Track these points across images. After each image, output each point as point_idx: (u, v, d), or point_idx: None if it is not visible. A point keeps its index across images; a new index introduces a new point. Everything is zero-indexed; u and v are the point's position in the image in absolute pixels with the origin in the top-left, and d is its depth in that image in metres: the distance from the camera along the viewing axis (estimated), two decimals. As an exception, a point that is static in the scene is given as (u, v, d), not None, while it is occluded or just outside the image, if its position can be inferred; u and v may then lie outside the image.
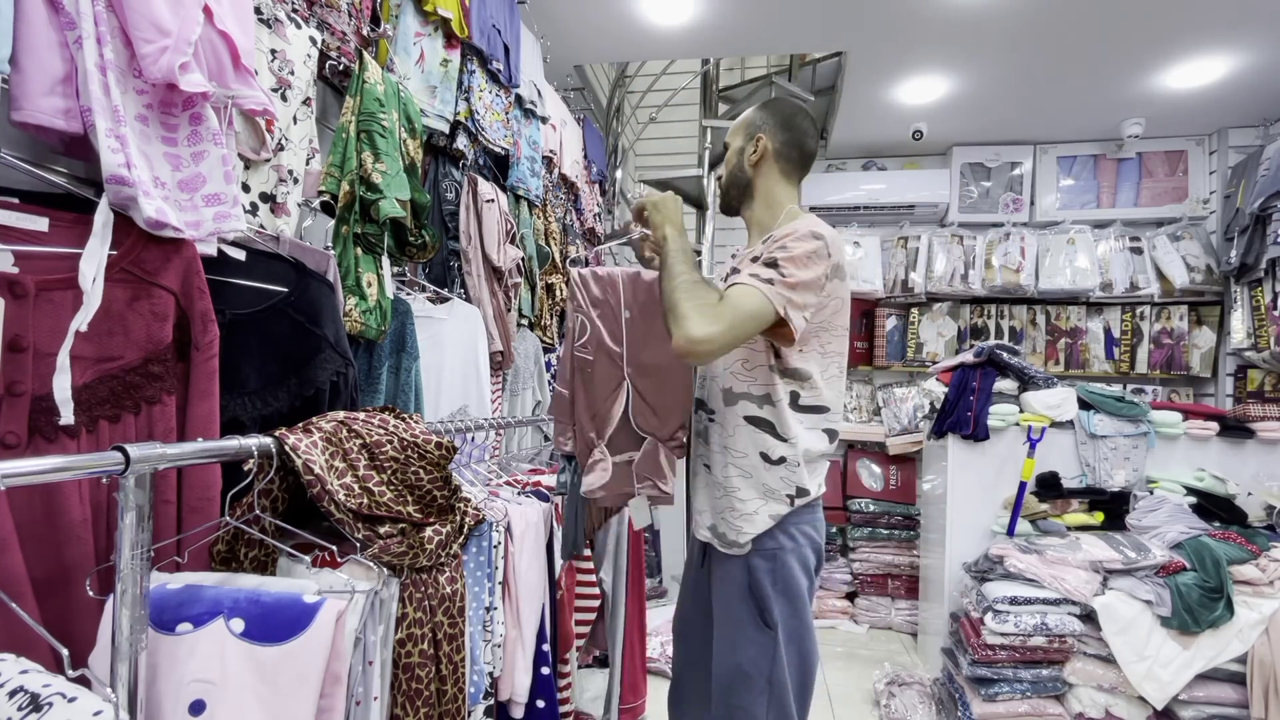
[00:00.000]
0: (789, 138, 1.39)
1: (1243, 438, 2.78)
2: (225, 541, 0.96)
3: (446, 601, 1.03)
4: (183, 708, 0.72)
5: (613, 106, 3.78)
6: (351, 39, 1.50)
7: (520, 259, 2.20)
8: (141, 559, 0.70)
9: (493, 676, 1.27)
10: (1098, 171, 3.95)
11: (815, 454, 1.33)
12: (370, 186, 1.42)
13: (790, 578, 1.31)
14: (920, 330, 4.05)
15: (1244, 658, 2.22)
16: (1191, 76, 3.14)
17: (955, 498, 2.87)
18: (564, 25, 2.82)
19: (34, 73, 0.84)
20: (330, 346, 1.21)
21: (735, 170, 1.43)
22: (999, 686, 2.39)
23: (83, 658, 0.75)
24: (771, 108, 1.42)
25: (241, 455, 0.85)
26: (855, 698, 2.89)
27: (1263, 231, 3.14)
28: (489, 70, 2.10)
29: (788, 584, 1.31)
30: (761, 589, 1.30)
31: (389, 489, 0.98)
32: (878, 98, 3.52)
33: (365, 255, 1.45)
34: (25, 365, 0.83)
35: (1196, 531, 2.46)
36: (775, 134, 1.39)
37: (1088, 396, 2.83)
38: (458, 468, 1.44)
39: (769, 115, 1.40)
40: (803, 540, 1.32)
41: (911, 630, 3.69)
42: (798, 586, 1.31)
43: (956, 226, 4.05)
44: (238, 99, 1.05)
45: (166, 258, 0.95)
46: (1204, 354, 3.71)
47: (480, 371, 1.93)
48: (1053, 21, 2.75)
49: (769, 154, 1.39)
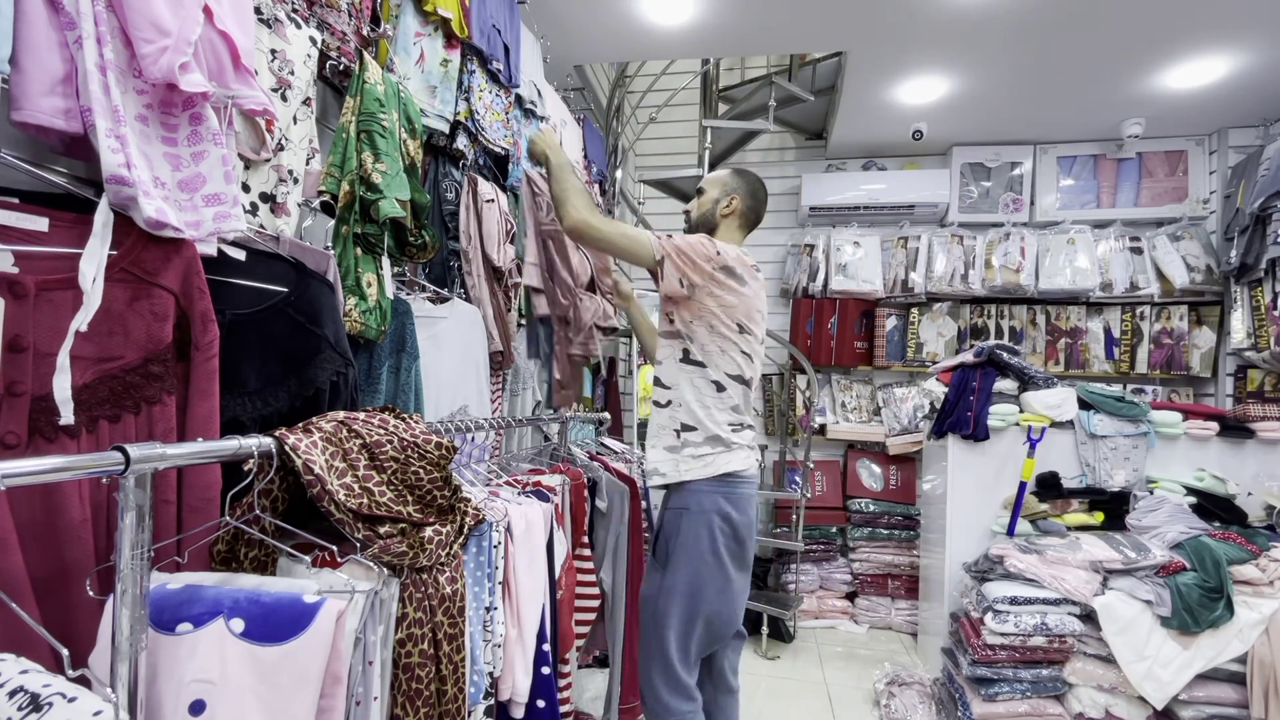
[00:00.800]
0: (752, 205, 1.85)
1: (1243, 438, 2.78)
2: (225, 541, 0.96)
3: (446, 601, 1.03)
4: (183, 708, 0.72)
5: (613, 106, 3.78)
6: (351, 39, 1.50)
7: (516, 259, 2.20)
8: (141, 559, 0.70)
9: (493, 676, 1.27)
10: (1098, 171, 3.95)
11: (707, 404, 1.67)
12: (370, 186, 1.41)
13: (696, 536, 1.62)
14: (920, 330, 4.05)
15: (1244, 658, 2.22)
16: (1191, 76, 3.14)
17: (955, 498, 2.87)
18: (564, 25, 2.82)
19: (34, 73, 0.84)
20: (330, 346, 1.21)
21: (708, 214, 1.86)
22: (999, 686, 2.39)
23: (83, 658, 0.75)
24: (746, 177, 1.87)
25: (241, 455, 0.85)
26: (855, 698, 2.89)
27: (1263, 231, 3.14)
28: (489, 70, 2.10)
29: (693, 541, 1.62)
30: (666, 537, 1.67)
31: (389, 489, 0.98)
32: (878, 98, 3.52)
33: (365, 255, 1.45)
34: (25, 365, 0.83)
35: (1196, 531, 2.46)
36: (744, 199, 1.84)
37: (1088, 396, 2.83)
38: (457, 468, 1.45)
39: (743, 183, 1.85)
40: (711, 507, 1.63)
41: (911, 630, 3.69)
42: (700, 545, 1.62)
43: (956, 226, 4.05)
44: (238, 99, 1.05)
45: (166, 258, 0.95)
46: (1204, 354, 3.71)
47: (480, 371, 1.93)
48: (1053, 21, 2.75)
49: (737, 211, 1.84)
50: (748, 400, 1.76)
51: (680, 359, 1.69)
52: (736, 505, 1.65)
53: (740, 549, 1.68)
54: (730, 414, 1.69)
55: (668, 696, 1.64)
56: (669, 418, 1.70)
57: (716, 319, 1.66)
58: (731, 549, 1.66)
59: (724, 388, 1.68)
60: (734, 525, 1.65)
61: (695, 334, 1.68)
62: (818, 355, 4.11)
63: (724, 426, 1.67)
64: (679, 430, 1.68)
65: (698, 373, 1.68)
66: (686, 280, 1.63)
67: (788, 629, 3.53)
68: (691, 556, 1.63)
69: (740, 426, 1.71)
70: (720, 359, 1.68)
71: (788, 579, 3.83)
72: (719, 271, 1.65)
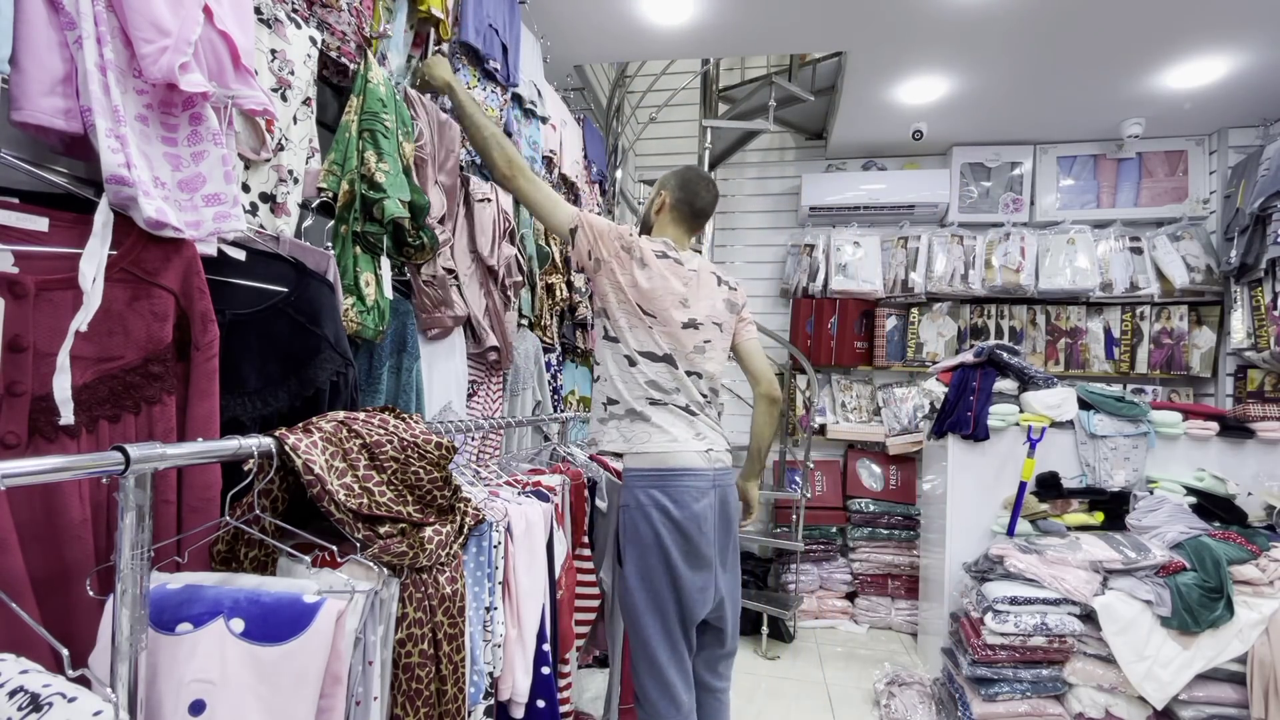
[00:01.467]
0: (682, 196, 1.85)
1: (1243, 438, 2.78)
2: (225, 541, 0.96)
3: (446, 601, 1.03)
4: (183, 708, 0.72)
5: (613, 106, 3.78)
6: (351, 39, 1.50)
7: (519, 258, 2.20)
8: (141, 559, 0.70)
9: (493, 676, 1.27)
10: (1098, 171, 3.95)
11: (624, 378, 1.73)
12: (373, 185, 1.42)
13: (637, 531, 1.67)
14: (920, 330, 4.05)
15: (1244, 658, 2.22)
16: (1191, 76, 3.14)
17: (955, 498, 2.87)
18: (564, 25, 2.82)
19: (34, 73, 0.84)
20: (330, 346, 1.21)
21: (644, 216, 1.94)
22: (999, 686, 2.39)
23: (83, 658, 0.75)
24: (678, 171, 1.89)
25: (241, 455, 0.85)
26: (855, 698, 2.89)
27: (1263, 231, 3.14)
28: (484, 69, 2.10)
29: (635, 535, 1.68)
30: (619, 534, 1.73)
31: (389, 489, 0.98)
32: (878, 98, 3.52)
33: (364, 255, 1.45)
34: (25, 365, 0.83)
35: (1196, 531, 2.46)
36: (673, 192, 1.86)
37: (1088, 396, 2.83)
38: (456, 468, 1.44)
39: (672, 177, 1.88)
40: (647, 501, 1.67)
41: (911, 630, 3.69)
42: (642, 539, 1.66)
43: (956, 226, 4.05)
44: (238, 99, 1.05)
45: (166, 258, 0.95)
46: (1204, 354, 3.71)
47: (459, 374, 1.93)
48: (1053, 21, 2.75)
49: (667, 205, 1.86)
50: (676, 379, 1.74)
51: (603, 335, 1.78)
52: (676, 500, 1.66)
53: (688, 544, 1.66)
54: (646, 389, 1.72)
55: (656, 698, 1.66)
56: (599, 391, 1.79)
57: (621, 296, 1.73)
58: (678, 543, 1.66)
59: (635, 362, 1.72)
60: (674, 520, 1.65)
61: (608, 310, 1.75)
62: (818, 355, 4.11)
63: (640, 400, 1.71)
64: (605, 403, 1.76)
65: (614, 348, 1.75)
66: (594, 253, 1.72)
67: (788, 629, 3.53)
68: (639, 550, 1.67)
69: (660, 404, 1.72)
70: (629, 335, 1.73)
71: (788, 579, 3.83)
72: (622, 251, 1.72)
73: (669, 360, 1.74)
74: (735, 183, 4.53)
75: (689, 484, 1.68)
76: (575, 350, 3.17)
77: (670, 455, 1.68)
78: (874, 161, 4.30)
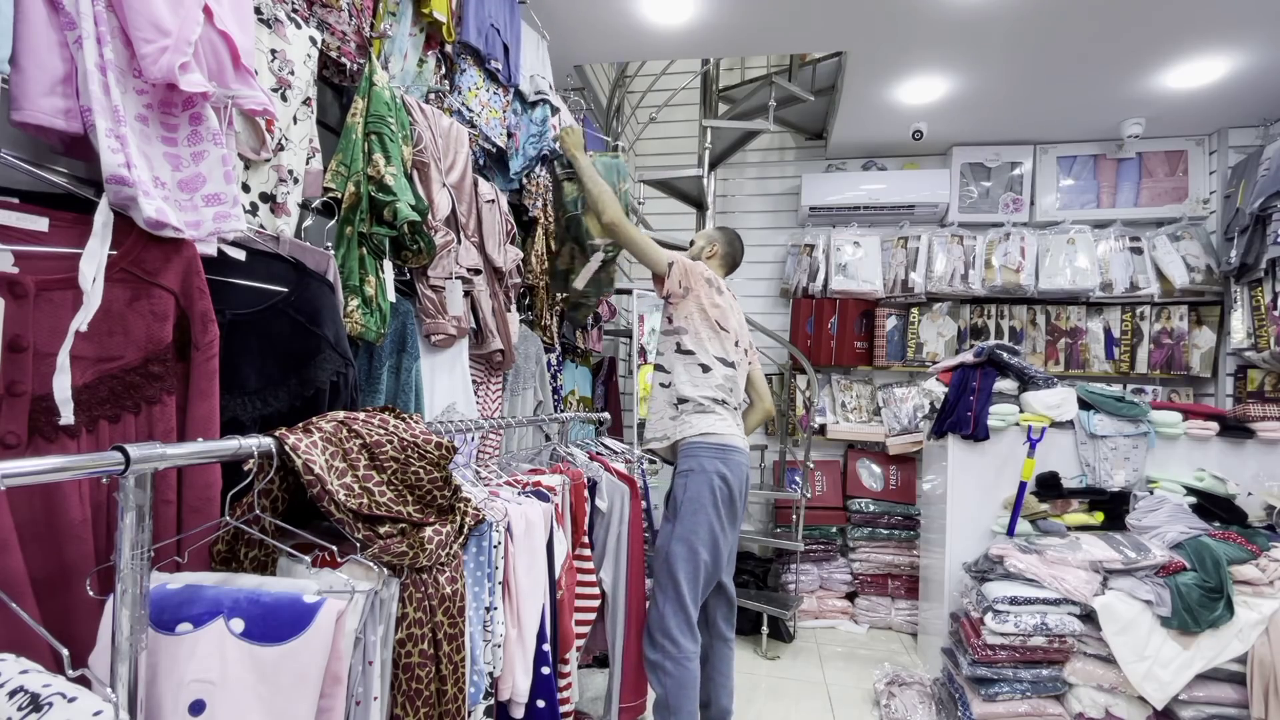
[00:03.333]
0: (729, 251, 2.42)
1: (1243, 438, 2.78)
2: (225, 541, 0.96)
3: (446, 601, 1.03)
4: (183, 708, 0.72)
5: (613, 106, 3.78)
6: (351, 39, 1.50)
7: (519, 259, 2.20)
8: (141, 559, 0.70)
9: (493, 676, 1.27)
10: (1098, 171, 3.95)
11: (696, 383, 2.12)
12: (383, 188, 1.42)
13: (694, 489, 2.03)
14: (920, 330, 4.05)
15: (1244, 658, 2.22)
16: (1191, 76, 3.14)
17: (955, 498, 2.87)
18: (564, 25, 2.82)
19: (34, 73, 0.84)
20: (330, 346, 1.21)
21: (696, 255, 2.39)
22: (999, 686, 2.39)
23: (83, 658, 0.75)
24: (726, 232, 2.44)
25: (241, 455, 0.85)
26: (855, 698, 2.89)
27: (1263, 231, 3.14)
28: (486, 69, 2.10)
29: (690, 494, 2.03)
30: (676, 493, 2.08)
31: (389, 489, 0.98)
32: (878, 98, 3.52)
33: (368, 257, 1.45)
34: (25, 365, 0.83)
35: (1196, 531, 2.46)
36: (723, 246, 2.40)
37: (1088, 396, 2.83)
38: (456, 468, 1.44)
39: (722, 235, 2.42)
40: (711, 468, 2.04)
41: (911, 630, 3.69)
42: (698, 498, 2.02)
43: (956, 226, 4.05)
44: (238, 99, 1.05)
45: (166, 258, 0.95)
46: (1204, 354, 3.71)
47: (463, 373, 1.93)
48: (1053, 21, 2.75)
49: (718, 255, 2.39)
50: (733, 383, 2.18)
51: (675, 350, 2.17)
52: (731, 469, 2.07)
53: (730, 508, 2.08)
54: (715, 390, 2.13)
55: (678, 634, 1.97)
56: (665, 395, 2.18)
57: (704, 316, 2.16)
58: (725, 503, 2.06)
59: (709, 368, 2.14)
60: (729, 484, 2.06)
61: (686, 328, 2.16)
62: (818, 355, 4.11)
63: (708, 400, 2.12)
64: (675, 404, 2.15)
65: (687, 359, 2.15)
66: (684, 283, 2.17)
67: (788, 629, 3.53)
68: (695, 508, 2.02)
69: (724, 403, 2.15)
70: (709, 344, 2.16)
71: (788, 579, 3.83)
72: (704, 281, 2.19)
73: (734, 366, 2.19)
74: (735, 183, 4.53)
75: (738, 459, 2.10)
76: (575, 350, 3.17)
77: (730, 437, 2.09)
78: (874, 161, 4.30)
